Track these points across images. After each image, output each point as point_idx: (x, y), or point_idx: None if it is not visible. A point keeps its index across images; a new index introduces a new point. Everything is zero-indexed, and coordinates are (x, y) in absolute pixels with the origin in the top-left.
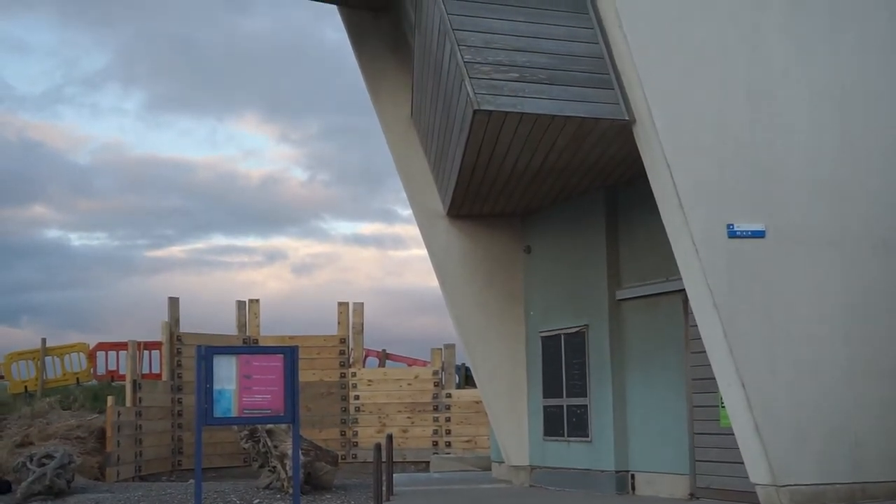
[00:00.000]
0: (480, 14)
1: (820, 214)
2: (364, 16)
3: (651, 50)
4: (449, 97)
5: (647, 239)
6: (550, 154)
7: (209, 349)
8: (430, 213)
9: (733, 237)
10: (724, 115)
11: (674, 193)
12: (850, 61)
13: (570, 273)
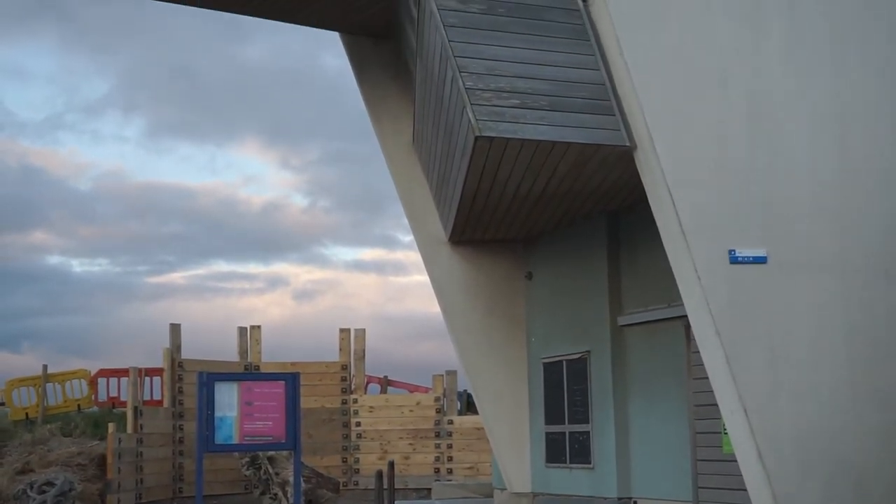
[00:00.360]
0: (481, 41)
1: (821, 240)
2: (365, 43)
3: (652, 76)
4: (450, 123)
5: (648, 264)
6: (552, 180)
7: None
8: (431, 240)
9: (735, 263)
10: (725, 140)
11: (675, 219)
12: (851, 87)
13: (572, 299)
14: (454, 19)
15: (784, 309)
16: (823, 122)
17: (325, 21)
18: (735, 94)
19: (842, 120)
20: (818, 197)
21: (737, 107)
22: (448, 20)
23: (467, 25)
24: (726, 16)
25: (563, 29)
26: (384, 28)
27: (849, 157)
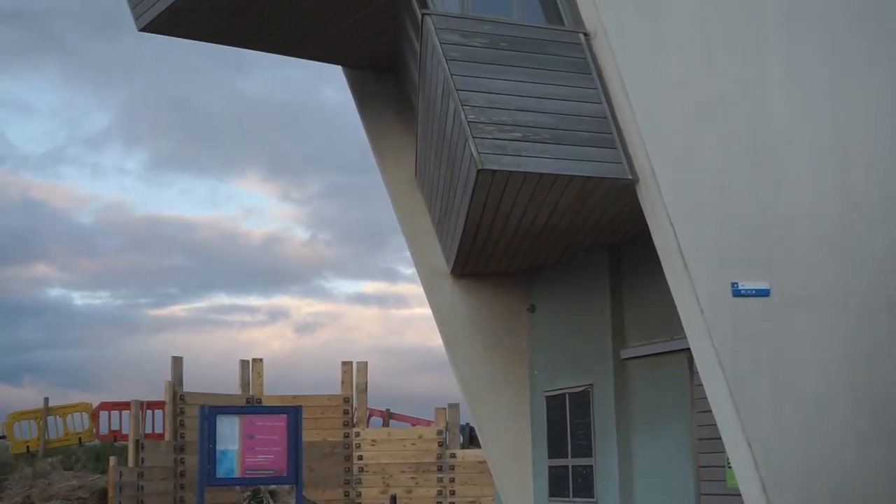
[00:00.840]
0: (484, 74)
1: (825, 273)
2: (368, 76)
3: (653, 109)
4: (453, 156)
5: (651, 297)
6: (554, 213)
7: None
8: (434, 272)
9: (738, 296)
10: (727, 173)
11: (678, 252)
12: (852, 118)
13: (575, 332)
14: (456, 53)
15: (787, 342)
16: (825, 154)
17: (328, 55)
18: (736, 127)
19: (843, 151)
20: (821, 229)
21: (738, 139)
22: (450, 54)
23: (469, 59)
24: (727, 48)
25: (565, 62)
26: (386, 62)
27: (851, 189)
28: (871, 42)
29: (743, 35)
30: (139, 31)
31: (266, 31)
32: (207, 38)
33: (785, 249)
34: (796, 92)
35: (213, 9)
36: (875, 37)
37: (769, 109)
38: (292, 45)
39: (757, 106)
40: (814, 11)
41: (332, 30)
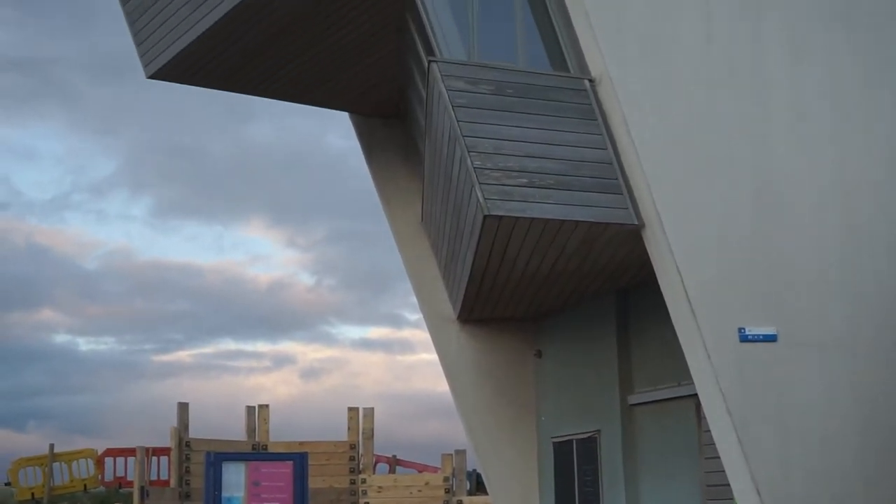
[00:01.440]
0: (490, 121)
1: (831, 317)
2: (375, 122)
3: (659, 155)
4: (459, 202)
5: (658, 343)
6: (560, 258)
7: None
8: (440, 318)
9: (745, 341)
10: (732, 218)
11: (684, 297)
12: (856, 164)
13: (582, 378)
14: (463, 100)
15: (795, 387)
16: (829, 199)
17: (335, 102)
18: (741, 171)
19: (848, 195)
20: (827, 273)
21: (743, 184)
22: (456, 101)
23: (476, 106)
24: (731, 94)
25: (571, 109)
26: (393, 108)
27: (856, 233)
28: (875, 86)
29: (746, 79)
30: (148, 79)
31: (273, 78)
32: (215, 85)
33: (791, 294)
34: (800, 136)
35: (220, 56)
36: (879, 81)
37: (773, 154)
38: (299, 93)
39: (761, 150)
40: (817, 56)
41: (338, 77)
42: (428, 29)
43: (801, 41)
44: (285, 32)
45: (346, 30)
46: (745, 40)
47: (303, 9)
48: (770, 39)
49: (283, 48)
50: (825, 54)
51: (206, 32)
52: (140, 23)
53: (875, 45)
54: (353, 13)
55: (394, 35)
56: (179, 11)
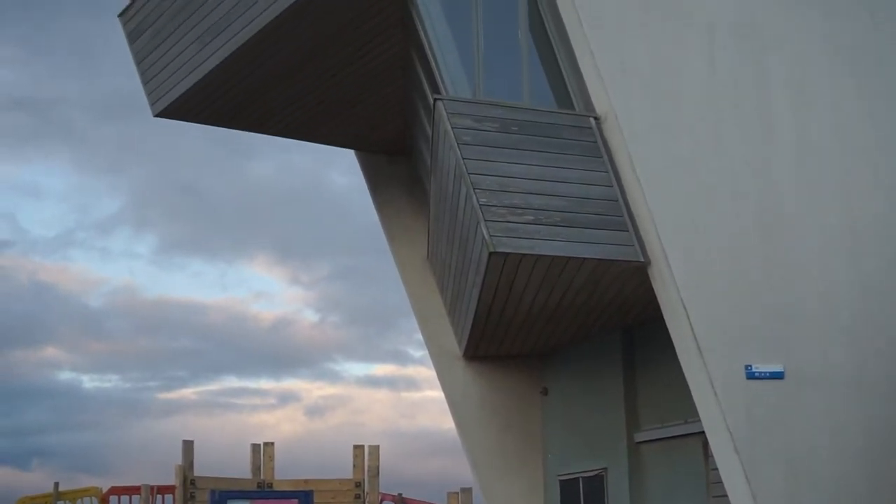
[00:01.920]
0: (495, 158)
1: (839, 355)
2: (380, 160)
3: (664, 192)
4: (465, 239)
5: (665, 380)
6: (566, 295)
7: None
8: (446, 355)
9: (752, 378)
10: (738, 255)
11: (691, 334)
12: (862, 199)
13: (588, 415)
14: (468, 137)
15: (803, 424)
16: (836, 236)
17: (340, 139)
18: (746, 208)
19: (854, 231)
20: (834, 310)
21: (749, 221)
22: (462, 138)
23: (481, 143)
24: (736, 131)
25: (576, 146)
26: (398, 145)
27: (862, 269)
28: (880, 121)
29: (751, 116)
30: (155, 117)
31: (279, 116)
32: (220, 123)
33: (798, 331)
34: (805, 173)
35: (226, 95)
36: (884, 116)
37: (779, 191)
38: (305, 130)
39: (766, 187)
40: (822, 91)
41: (344, 115)
42: (433, 67)
43: (804, 78)
44: (291, 71)
45: (351, 68)
46: (749, 77)
47: (309, 48)
48: (774, 76)
49: (289, 87)
50: (829, 90)
51: (213, 71)
52: (147, 62)
53: (879, 80)
54: (359, 52)
55: (399, 73)
56: (186, 51)
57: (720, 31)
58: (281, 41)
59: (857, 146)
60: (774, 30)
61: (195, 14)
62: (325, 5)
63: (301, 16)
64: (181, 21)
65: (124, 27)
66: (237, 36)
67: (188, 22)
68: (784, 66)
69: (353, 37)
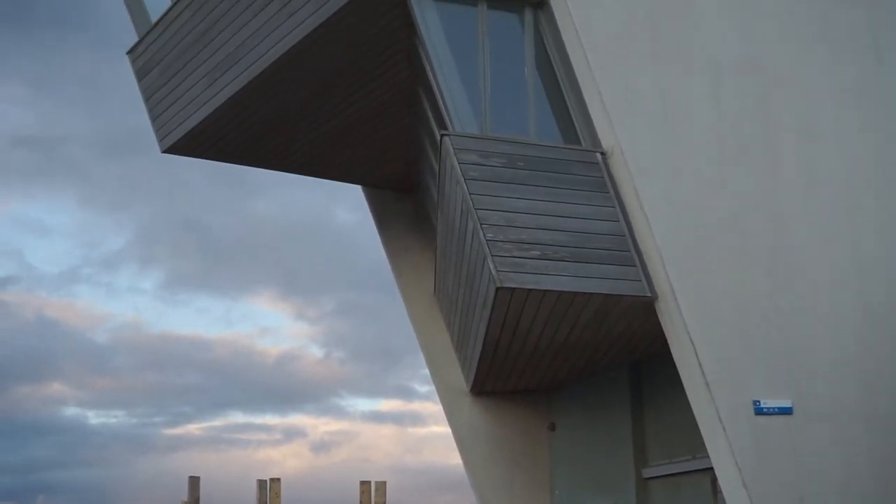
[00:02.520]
0: (502, 194)
1: (846, 389)
2: (387, 195)
3: (671, 226)
4: (472, 274)
5: (672, 415)
6: (574, 330)
7: None
8: (453, 390)
9: (760, 414)
10: (746, 291)
11: (698, 370)
12: (870, 235)
13: (596, 450)
14: (475, 173)
15: (811, 460)
16: (842, 270)
17: (347, 175)
18: (754, 243)
19: (861, 267)
20: (841, 345)
21: (756, 255)
22: (469, 174)
23: (488, 179)
24: (742, 166)
25: (583, 181)
26: (405, 181)
27: (870, 305)
28: (886, 156)
29: (757, 151)
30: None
31: (286, 152)
32: (228, 159)
33: (806, 366)
34: (812, 209)
35: (234, 131)
36: (890, 152)
37: (786, 226)
38: (312, 166)
39: (773, 222)
40: (827, 126)
41: (351, 150)
42: (440, 102)
43: (809, 113)
44: (298, 108)
45: (358, 104)
46: (755, 113)
47: (316, 85)
48: (779, 112)
49: (296, 123)
50: (834, 125)
51: (221, 108)
52: (155, 99)
53: (884, 116)
54: (365, 88)
55: (406, 109)
56: (194, 88)
57: (726, 68)
58: (288, 78)
59: (862, 182)
60: (780, 66)
61: (203, 51)
62: (331, 43)
63: (308, 53)
64: (189, 58)
65: (133, 64)
66: (245, 73)
67: (196, 59)
68: (789, 102)
69: (360, 73)
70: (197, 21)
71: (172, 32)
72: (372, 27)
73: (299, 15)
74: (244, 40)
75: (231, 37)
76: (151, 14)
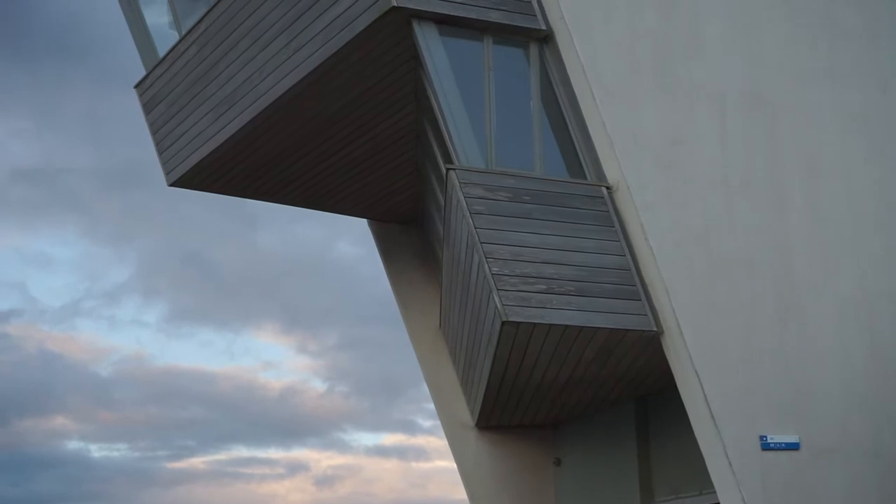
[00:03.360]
0: (508, 228)
1: (854, 425)
2: (393, 229)
3: (677, 261)
4: (477, 308)
5: (679, 450)
6: (579, 365)
7: None
8: (458, 425)
9: (767, 449)
10: (752, 325)
11: (705, 405)
12: (877, 269)
13: (602, 486)
14: (480, 207)
15: (819, 496)
16: (850, 305)
17: (353, 208)
18: (759, 277)
19: (868, 301)
20: (848, 380)
21: (762, 290)
22: (474, 208)
23: (494, 213)
24: (748, 198)
25: (588, 216)
26: (411, 214)
27: (877, 340)
28: (893, 189)
29: (762, 185)
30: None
31: (292, 186)
32: (234, 192)
33: (813, 401)
34: (818, 243)
35: (240, 165)
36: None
37: (792, 259)
38: (317, 200)
39: (779, 256)
40: (833, 160)
41: (357, 184)
42: (445, 136)
43: (815, 147)
44: (305, 141)
45: (364, 138)
46: (760, 147)
47: (322, 119)
48: (785, 146)
49: (302, 157)
50: (840, 159)
51: (228, 142)
52: (162, 132)
53: (890, 149)
54: (371, 122)
55: (412, 142)
56: (201, 122)
57: (731, 101)
58: (295, 112)
59: (869, 215)
60: (785, 99)
61: (210, 85)
62: (338, 78)
63: (314, 88)
64: (196, 92)
65: (140, 98)
66: (252, 107)
67: (203, 93)
68: (795, 135)
69: (367, 107)
70: (204, 55)
71: (180, 67)
72: (378, 62)
73: (306, 50)
74: (251, 75)
75: (238, 71)
76: (159, 48)
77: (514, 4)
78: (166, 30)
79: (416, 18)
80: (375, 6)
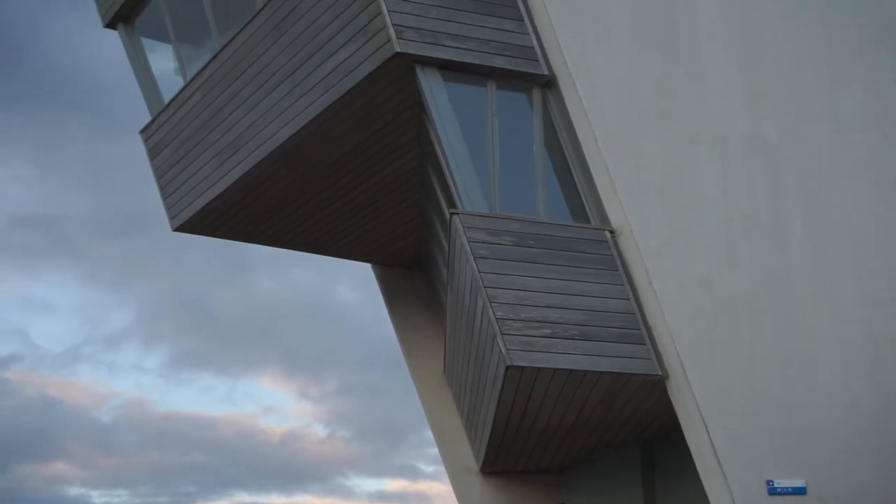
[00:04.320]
0: (512, 272)
1: (861, 469)
2: (397, 273)
3: (681, 305)
4: (481, 353)
5: (685, 495)
6: (584, 409)
7: None
8: (462, 470)
9: (773, 494)
10: (756, 368)
11: (710, 449)
12: (882, 311)
13: None
14: (484, 251)
15: None
16: (855, 348)
17: (357, 253)
18: (764, 321)
19: (874, 345)
20: (855, 424)
21: (766, 333)
22: (478, 252)
23: (497, 257)
24: (751, 241)
25: (592, 259)
26: (415, 259)
27: (884, 384)
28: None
29: (765, 227)
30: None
31: (296, 231)
32: (237, 237)
33: (820, 446)
34: (822, 284)
35: (244, 210)
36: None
37: (796, 303)
38: (322, 244)
39: (784, 299)
40: (835, 202)
41: (360, 229)
42: (449, 181)
43: (817, 189)
44: (308, 187)
45: (368, 183)
46: (762, 189)
47: (326, 164)
48: (788, 189)
49: (306, 202)
50: (842, 200)
51: (232, 187)
52: (167, 177)
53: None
54: (375, 167)
55: (415, 187)
56: (205, 167)
57: (733, 143)
58: (299, 158)
59: (873, 257)
60: (786, 142)
61: (214, 131)
62: (341, 124)
63: (318, 134)
64: (201, 138)
65: (145, 143)
66: (256, 152)
67: (208, 139)
68: (798, 178)
69: (370, 153)
70: (209, 101)
71: (185, 112)
72: (381, 108)
73: (309, 96)
74: (255, 121)
75: (242, 117)
76: (164, 94)
77: (517, 50)
78: (171, 76)
79: (420, 64)
80: (378, 53)
